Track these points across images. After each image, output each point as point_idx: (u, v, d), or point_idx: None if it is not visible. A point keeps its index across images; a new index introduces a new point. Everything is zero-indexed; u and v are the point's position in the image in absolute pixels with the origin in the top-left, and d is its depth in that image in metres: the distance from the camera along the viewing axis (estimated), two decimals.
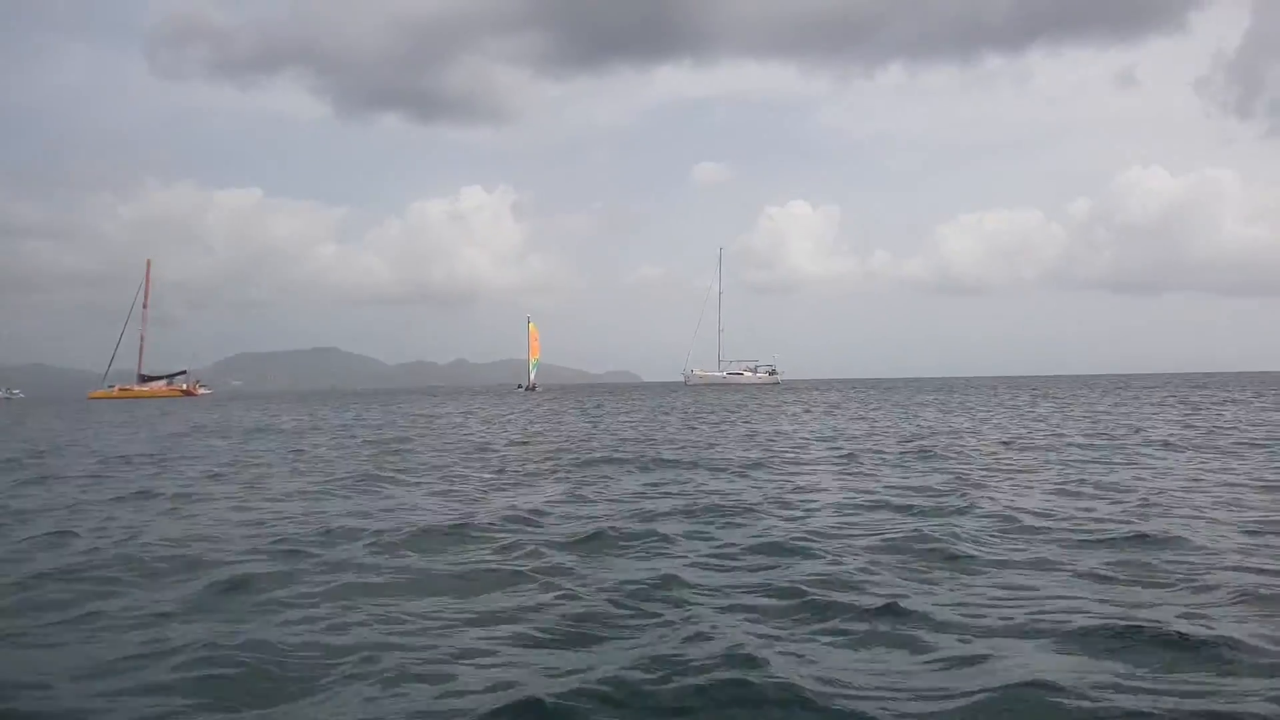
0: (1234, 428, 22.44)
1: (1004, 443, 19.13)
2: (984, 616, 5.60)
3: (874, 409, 39.38)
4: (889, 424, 27.38)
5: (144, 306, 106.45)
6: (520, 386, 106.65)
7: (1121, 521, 8.82)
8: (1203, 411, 31.21)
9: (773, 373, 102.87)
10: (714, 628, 5.34)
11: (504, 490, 12.53)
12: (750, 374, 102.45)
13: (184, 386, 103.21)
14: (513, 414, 41.39)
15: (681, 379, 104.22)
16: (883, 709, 4.15)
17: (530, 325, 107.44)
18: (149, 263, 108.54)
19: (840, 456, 16.56)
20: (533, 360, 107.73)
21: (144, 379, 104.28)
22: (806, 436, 22.38)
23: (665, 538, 8.34)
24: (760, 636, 5.24)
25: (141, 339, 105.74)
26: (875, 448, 18.33)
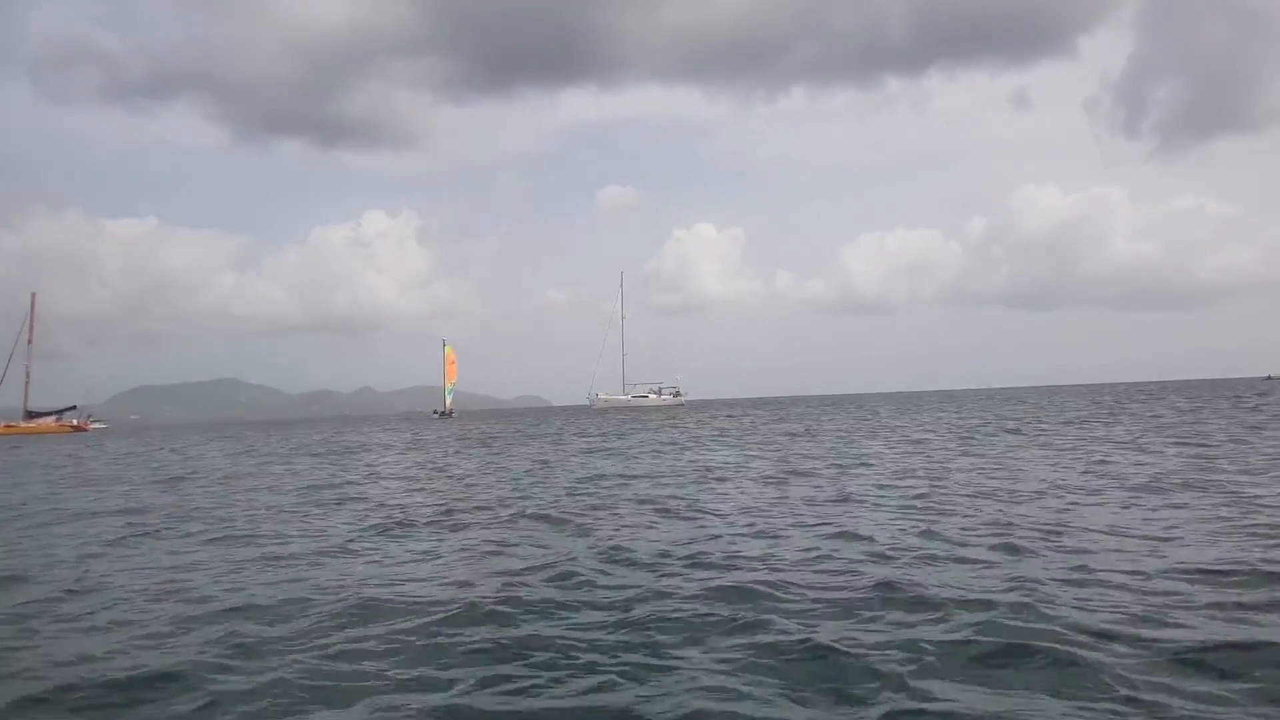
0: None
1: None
2: None
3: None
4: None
5: (29, 341, 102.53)
6: (436, 412, 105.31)
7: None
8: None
9: (677, 394, 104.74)
10: None
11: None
12: (655, 396, 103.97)
13: (74, 422, 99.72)
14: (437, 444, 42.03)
15: (587, 403, 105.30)
16: None
17: (447, 349, 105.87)
18: (34, 296, 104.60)
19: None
20: (449, 385, 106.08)
21: (30, 415, 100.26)
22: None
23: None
24: None
25: (27, 374, 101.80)
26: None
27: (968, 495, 12.10)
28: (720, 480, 15.73)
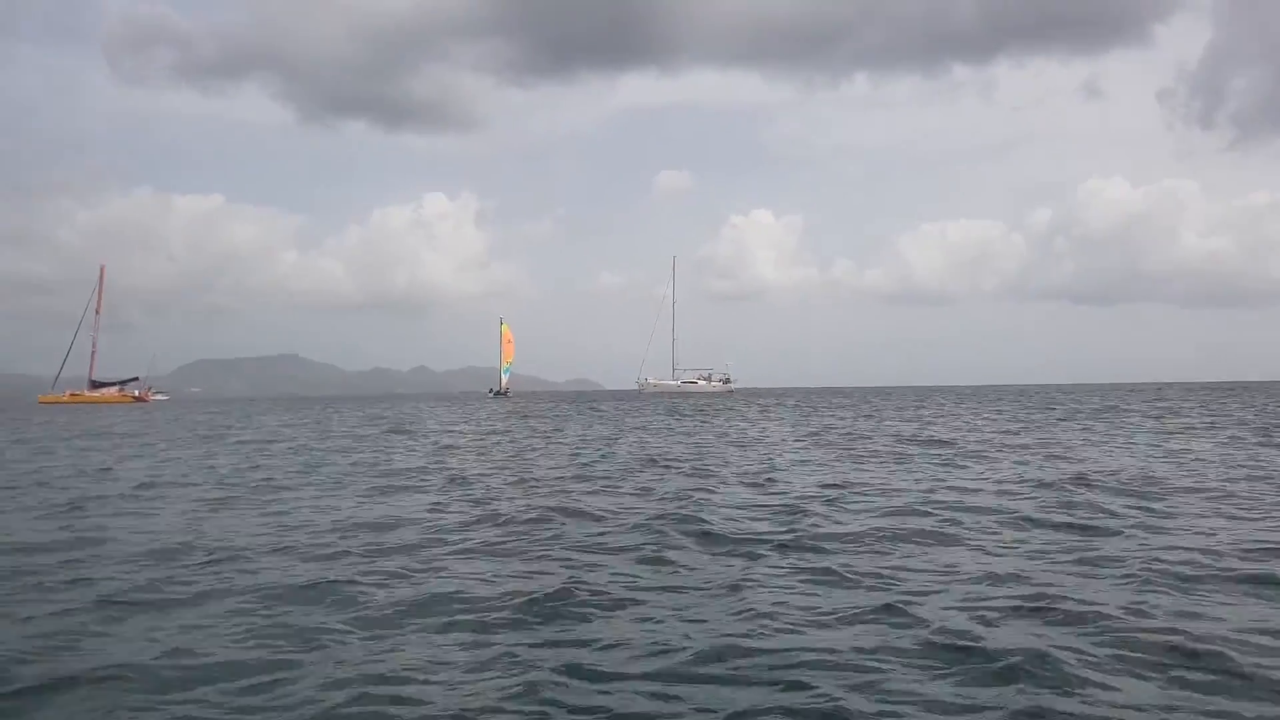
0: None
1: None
2: None
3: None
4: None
5: (96, 312, 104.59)
6: (491, 391, 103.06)
7: None
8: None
9: (726, 381, 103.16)
10: None
11: None
12: (704, 382, 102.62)
13: (136, 393, 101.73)
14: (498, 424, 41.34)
15: (636, 388, 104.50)
16: None
17: (503, 327, 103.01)
18: (102, 268, 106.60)
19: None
20: (505, 364, 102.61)
21: (95, 385, 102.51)
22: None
23: None
24: None
25: (94, 344, 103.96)
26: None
27: None
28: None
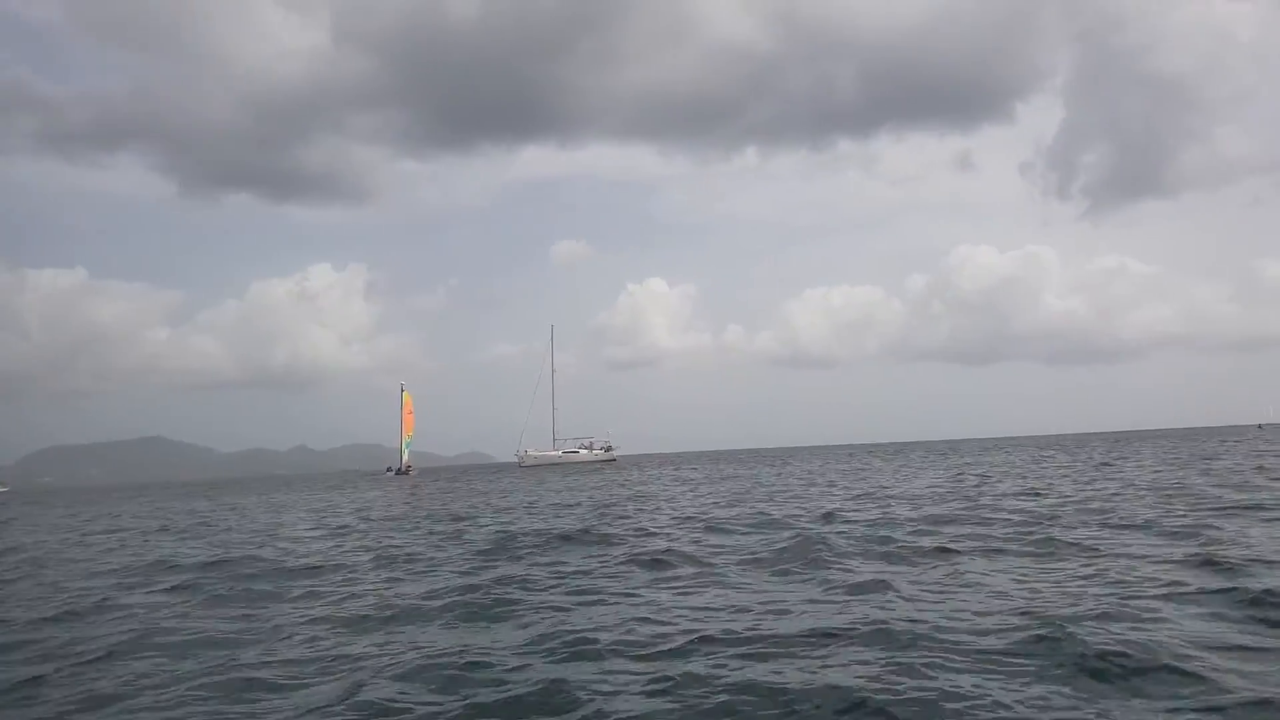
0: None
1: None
2: None
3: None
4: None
5: None
6: (391, 469, 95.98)
7: None
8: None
9: (608, 449, 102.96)
10: None
11: None
12: (585, 451, 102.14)
13: None
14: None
15: (515, 459, 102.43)
16: None
17: (405, 395, 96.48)
18: None
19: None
20: (406, 437, 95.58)
21: None
22: None
23: None
24: None
25: None
26: None
27: None
28: None
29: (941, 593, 8.24)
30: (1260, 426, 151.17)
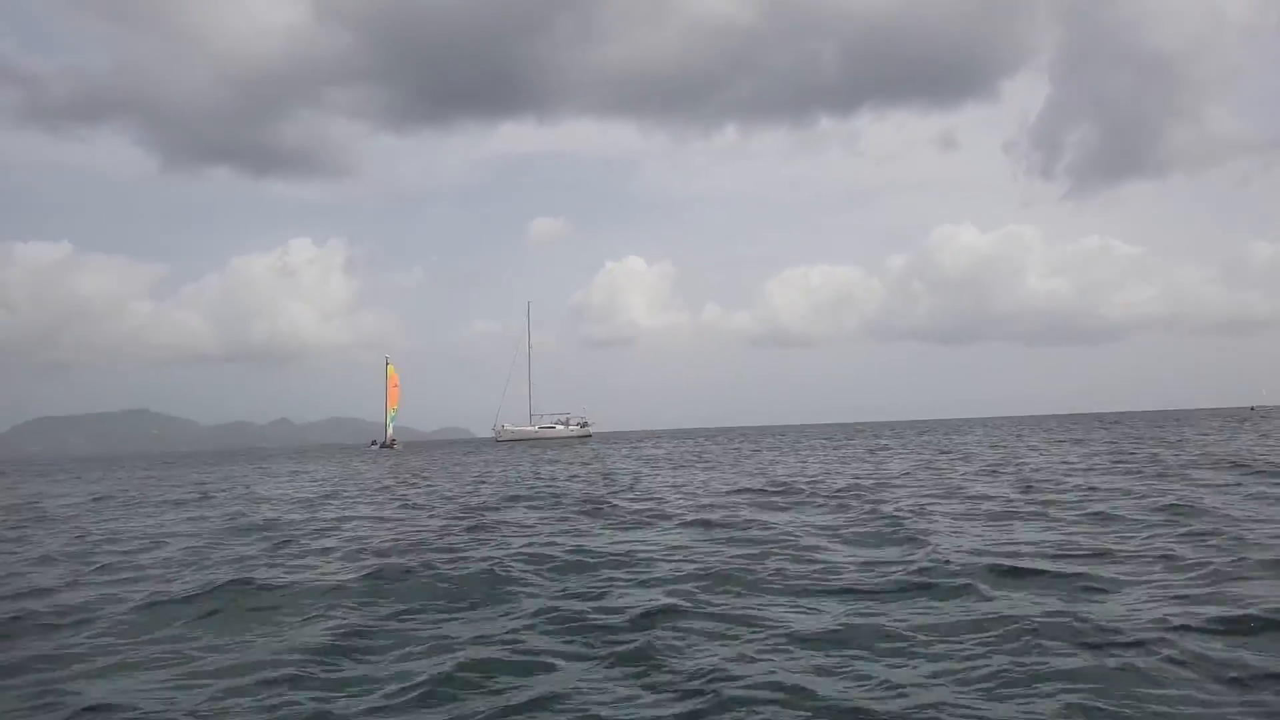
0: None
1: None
2: None
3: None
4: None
5: None
6: (374, 443, 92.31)
7: None
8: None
9: (584, 425, 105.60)
10: None
11: None
12: (562, 427, 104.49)
13: None
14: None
15: (492, 434, 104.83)
16: None
17: (389, 368, 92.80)
18: None
19: None
20: (391, 411, 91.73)
21: None
22: None
23: None
24: None
25: None
26: None
27: None
28: None
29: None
30: (1253, 409, 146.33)
